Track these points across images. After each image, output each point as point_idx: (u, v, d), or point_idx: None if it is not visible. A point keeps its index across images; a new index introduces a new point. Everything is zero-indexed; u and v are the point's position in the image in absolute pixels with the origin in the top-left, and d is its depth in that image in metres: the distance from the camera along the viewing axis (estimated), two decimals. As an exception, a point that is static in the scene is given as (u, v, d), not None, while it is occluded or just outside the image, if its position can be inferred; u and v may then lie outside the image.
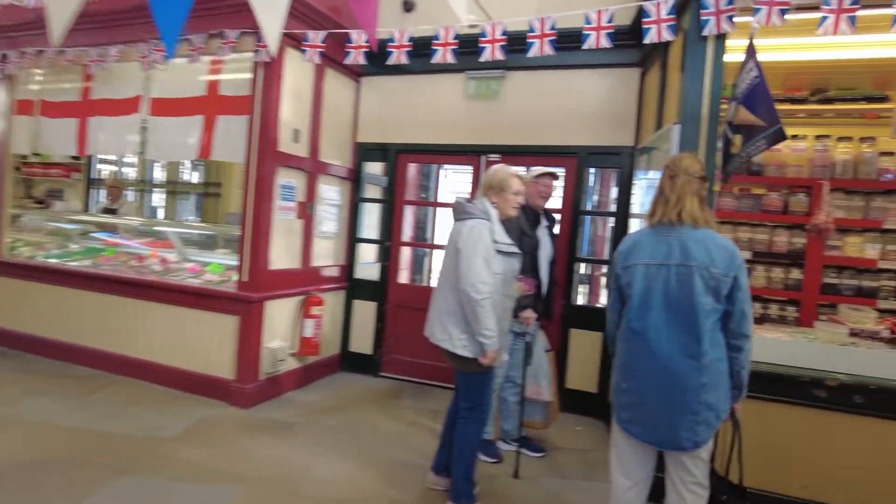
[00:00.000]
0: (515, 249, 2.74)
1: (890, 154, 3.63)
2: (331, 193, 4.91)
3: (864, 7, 2.55)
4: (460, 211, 2.72)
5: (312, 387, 4.71)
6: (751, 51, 2.62)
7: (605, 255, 5.33)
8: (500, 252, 2.61)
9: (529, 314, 3.27)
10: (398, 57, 3.52)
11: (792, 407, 2.71)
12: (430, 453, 3.21)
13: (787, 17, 2.65)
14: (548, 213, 3.63)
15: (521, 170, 2.87)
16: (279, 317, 4.35)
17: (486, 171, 2.91)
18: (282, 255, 4.35)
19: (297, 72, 4.30)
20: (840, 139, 3.74)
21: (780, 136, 2.45)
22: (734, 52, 2.87)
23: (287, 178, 4.34)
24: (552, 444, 3.75)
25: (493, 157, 4.69)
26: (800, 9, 2.68)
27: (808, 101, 3.74)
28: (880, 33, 3.36)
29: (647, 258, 2.06)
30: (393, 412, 4.23)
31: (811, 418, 2.69)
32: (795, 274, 3.71)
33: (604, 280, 6.02)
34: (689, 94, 2.95)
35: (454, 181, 7.29)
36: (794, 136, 3.76)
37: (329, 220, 4.93)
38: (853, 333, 2.94)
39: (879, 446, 2.61)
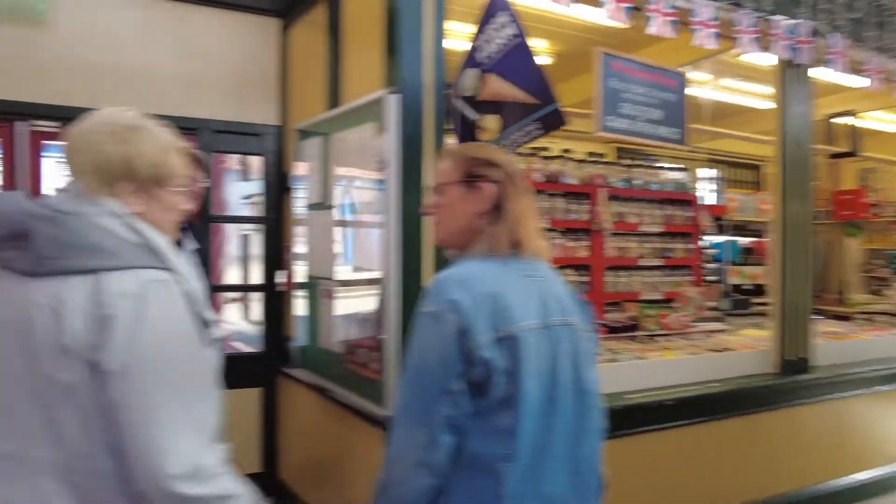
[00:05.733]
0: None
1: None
2: None
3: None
4: (70, 246, 0.92)
5: None
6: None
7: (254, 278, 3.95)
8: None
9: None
10: None
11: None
12: None
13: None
14: (189, 225, 2.09)
15: (172, 140, 1.17)
16: None
17: (68, 141, 1.08)
18: None
19: None
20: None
21: (558, 120, 1.80)
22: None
23: None
24: None
25: (43, 123, 2.67)
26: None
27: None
28: None
29: (531, 317, 1.04)
30: None
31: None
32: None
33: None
34: (406, 50, 2.03)
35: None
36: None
37: None
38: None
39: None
